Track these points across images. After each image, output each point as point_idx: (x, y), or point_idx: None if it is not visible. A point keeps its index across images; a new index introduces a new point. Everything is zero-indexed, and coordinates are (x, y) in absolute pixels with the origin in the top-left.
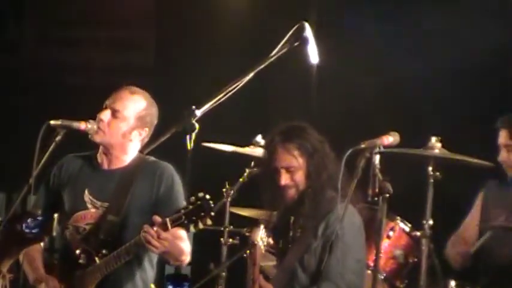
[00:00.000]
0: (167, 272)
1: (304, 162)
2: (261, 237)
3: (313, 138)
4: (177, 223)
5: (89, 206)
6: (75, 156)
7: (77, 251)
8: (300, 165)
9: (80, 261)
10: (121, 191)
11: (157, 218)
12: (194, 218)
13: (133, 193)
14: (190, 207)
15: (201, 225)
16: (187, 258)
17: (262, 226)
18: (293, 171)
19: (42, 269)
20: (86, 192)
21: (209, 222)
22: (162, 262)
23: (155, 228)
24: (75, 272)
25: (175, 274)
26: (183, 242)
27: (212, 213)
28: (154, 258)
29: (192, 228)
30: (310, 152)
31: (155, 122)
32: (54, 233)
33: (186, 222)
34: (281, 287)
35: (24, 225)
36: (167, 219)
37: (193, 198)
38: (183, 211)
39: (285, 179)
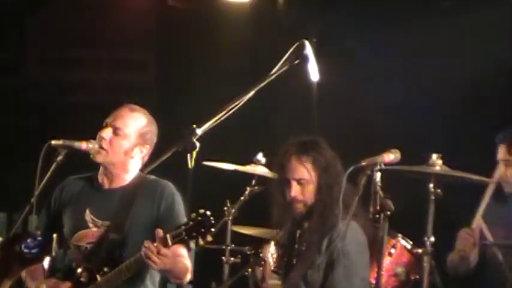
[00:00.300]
0: None
1: (316, 177)
2: (271, 253)
3: (327, 153)
4: (177, 239)
5: (90, 225)
6: (76, 178)
7: (79, 270)
8: (311, 179)
9: (82, 279)
10: (122, 209)
11: (160, 232)
12: (194, 234)
13: (135, 211)
14: (191, 223)
15: (201, 242)
16: (188, 276)
17: (272, 243)
18: (304, 184)
19: (41, 277)
20: (87, 211)
21: (209, 238)
22: (164, 281)
23: (155, 244)
24: None
25: None
26: (184, 260)
27: (212, 230)
28: (157, 277)
29: (192, 245)
30: (324, 167)
31: (155, 140)
32: (54, 253)
33: (186, 238)
34: None
35: (23, 246)
36: (167, 235)
37: (194, 214)
38: (183, 227)
39: (294, 191)
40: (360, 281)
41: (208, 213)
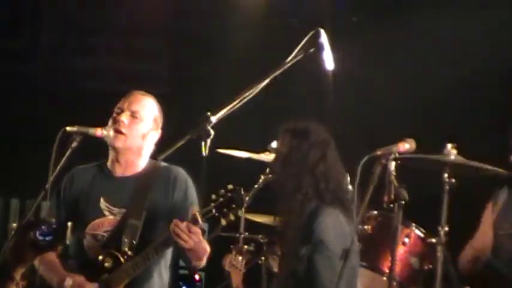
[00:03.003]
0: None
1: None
2: (233, 263)
3: (292, 140)
4: (207, 216)
5: (106, 213)
6: (84, 167)
7: (100, 257)
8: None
9: (106, 264)
10: (139, 195)
11: (193, 211)
12: (225, 210)
13: (151, 198)
14: (221, 199)
15: (232, 217)
16: (205, 258)
17: (234, 252)
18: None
19: (63, 270)
20: (102, 200)
21: (240, 214)
22: (177, 265)
23: (185, 223)
24: (99, 277)
25: (188, 275)
26: (203, 241)
27: (244, 205)
28: (169, 261)
29: (223, 222)
30: (284, 155)
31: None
32: (68, 242)
33: (217, 215)
34: None
35: (38, 233)
36: (197, 213)
37: (222, 191)
38: (213, 204)
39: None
40: (348, 270)
41: (237, 188)
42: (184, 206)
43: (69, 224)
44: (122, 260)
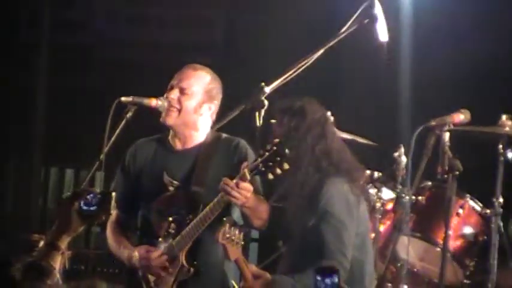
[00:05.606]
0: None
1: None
2: (226, 236)
3: (298, 119)
4: (254, 172)
5: (170, 187)
6: (146, 140)
7: (165, 224)
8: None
9: (170, 230)
10: (201, 165)
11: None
12: (271, 163)
13: (213, 167)
14: (266, 154)
15: (278, 171)
16: (266, 217)
17: (227, 225)
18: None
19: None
20: (165, 174)
21: (286, 166)
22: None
23: (234, 180)
24: (163, 243)
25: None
26: (261, 201)
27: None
28: None
29: (270, 175)
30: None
31: (221, 96)
32: (112, 212)
33: (263, 169)
34: (286, 269)
35: (82, 203)
36: (245, 170)
37: (267, 145)
38: (259, 159)
39: None
40: (354, 238)
41: (280, 141)
42: None
43: (113, 194)
44: (184, 224)
